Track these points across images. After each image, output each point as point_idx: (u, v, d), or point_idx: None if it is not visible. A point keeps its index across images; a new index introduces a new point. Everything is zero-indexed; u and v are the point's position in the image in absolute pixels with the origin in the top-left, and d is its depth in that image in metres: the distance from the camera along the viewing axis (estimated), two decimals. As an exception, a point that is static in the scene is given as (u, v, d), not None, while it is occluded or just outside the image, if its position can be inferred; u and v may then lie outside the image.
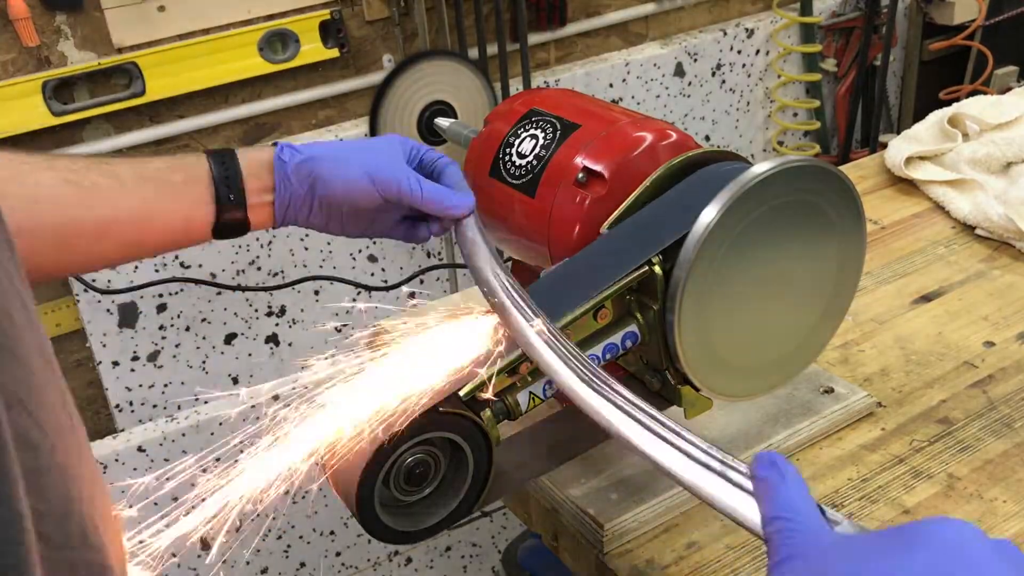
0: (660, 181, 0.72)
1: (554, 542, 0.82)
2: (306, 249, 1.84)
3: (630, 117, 0.79)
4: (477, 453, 0.67)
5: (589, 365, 0.59)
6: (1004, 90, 1.76)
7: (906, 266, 1.11)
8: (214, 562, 0.56)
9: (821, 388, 0.87)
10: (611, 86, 2.08)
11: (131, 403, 1.77)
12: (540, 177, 0.79)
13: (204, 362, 1.82)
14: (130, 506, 0.51)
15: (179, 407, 1.81)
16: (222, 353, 1.83)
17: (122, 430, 1.61)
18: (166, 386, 1.80)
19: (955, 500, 0.77)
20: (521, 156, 0.81)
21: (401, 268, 1.96)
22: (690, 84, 2.19)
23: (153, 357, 1.77)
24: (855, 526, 0.45)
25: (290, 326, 1.88)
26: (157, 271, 1.70)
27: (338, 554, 1.75)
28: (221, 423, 1.52)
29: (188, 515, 0.57)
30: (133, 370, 1.76)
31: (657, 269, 0.67)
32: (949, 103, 1.42)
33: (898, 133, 1.56)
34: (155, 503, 0.55)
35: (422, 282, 1.99)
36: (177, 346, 1.78)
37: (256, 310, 1.83)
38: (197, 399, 1.82)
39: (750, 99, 2.32)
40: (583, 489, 0.79)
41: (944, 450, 0.83)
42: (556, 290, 0.69)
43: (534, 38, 1.98)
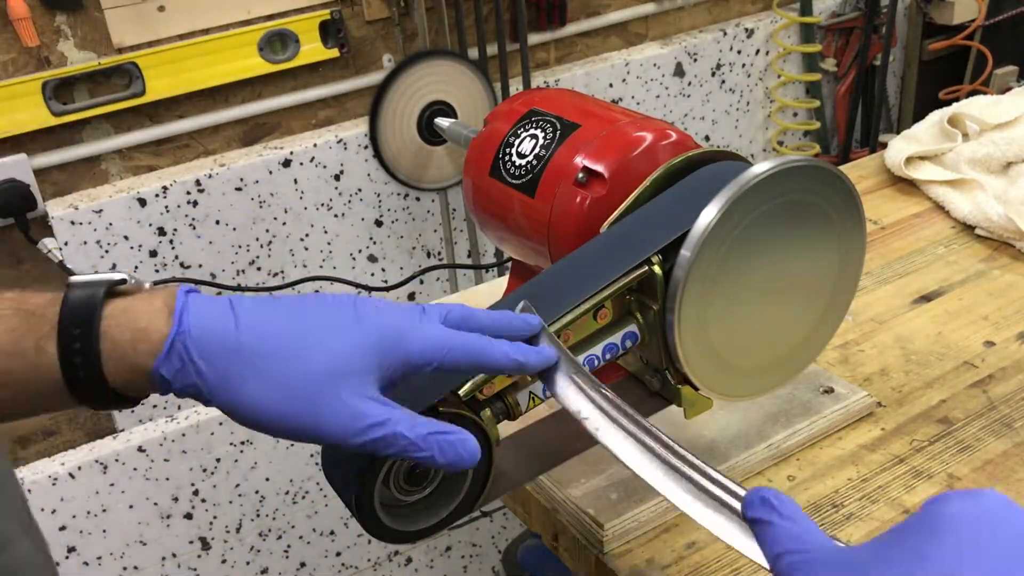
0: (660, 181, 0.72)
1: (554, 542, 0.82)
2: (306, 249, 1.84)
3: (630, 117, 0.79)
4: (477, 453, 0.67)
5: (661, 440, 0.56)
6: (1004, 90, 1.76)
7: (906, 266, 1.11)
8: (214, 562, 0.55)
9: (821, 388, 0.87)
10: (611, 86, 2.08)
11: (131, 403, 1.77)
12: (540, 177, 0.79)
13: (204, 362, 1.82)
14: (130, 506, 0.51)
15: (179, 407, 1.81)
16: (222, 353, 1.83)
17: (122, 430, 1.60)
18: (166, 386, 1.80)
19: (955, 500, 0.77)
20: (521, 156, 0.82)
21: (401, 268, 1.96)
22: (690, 84, 2.20)
23: (153, 357, 1.77)
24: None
25: (290, 326, 1.88)
26: (157, 271, 1.70)
27: (338, 554, 1.75)
28: (221, 423, 1.52)
29: None
30: (133, 370, 1.75)
31: (657, 269, 0.67)
32: (949, 103, 1.42)
33: (898, 133, 1.56)
34: (155, 503, 0.55)
35: (422, 282, 1.99)
36: (177, 346, 1.78)
37: (256, 310, 1.83)
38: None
39: (750, 99, 2.32)
40: (583, 489, 0.79)
41: (944, 450, 0.83)
42: (554, 289, 0.69)
43: (534, 38, 1.98)
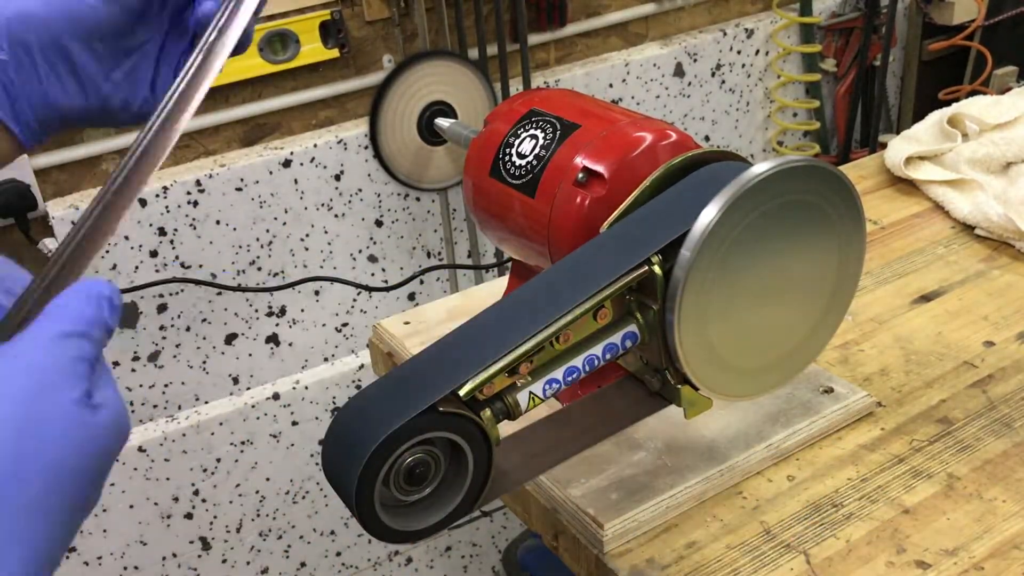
0: (660, 181, 0.72)
1: (554, 542, 0.82)
2: (306, 249, 1.84)
3: (630, 117, 0.80)
4: (477, 453, 0.66)
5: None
6: (1003, 90, 1.76)
7: (906, 266, 1.11)
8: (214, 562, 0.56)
9: (821, 388, 0.87)
10: (611, 86, 2.08)
11: (131, 403, 1.77)
12: (540, 177, 0.79)
13: (204, 362, 1.82)
14: (130, 506, 0.51)
15: (179, 407, 1.82)
16: (222, 353, 1.83)
17: (122, 430, 1.61)
18: (166, 386, 1.81)
19: (955, 500, 0.77)
20: (521, 156, 0.82)
21: (401, 268, 1.96)
22: (690, 84, 2.20)
23: (153, 357, 1.77)
24: None
25: (290, 326, 1.88)
26: (158, 271, 1.70)
27: (338, 554, 1.75)
28: (221, 423, 1.53)
29: None
30: (134, 370, 1.76)
31: (657, 269, 0.67)
32: (949, 103, 1.42)
33: (898, 133, 1.56)
34: (155, 503, 0.55)
35: (422, 282, 2.00)
36: (177, 346, 1.79)
37: (256, 310, 1.83)
38: (198, 399, 1.82)
39: (750, 99, 2.32)
40: (583, 489, 0.79)
41: (944, 450, 0.83)
42: (554, 289, 0.69)
43: (534, 38, 1.98)
